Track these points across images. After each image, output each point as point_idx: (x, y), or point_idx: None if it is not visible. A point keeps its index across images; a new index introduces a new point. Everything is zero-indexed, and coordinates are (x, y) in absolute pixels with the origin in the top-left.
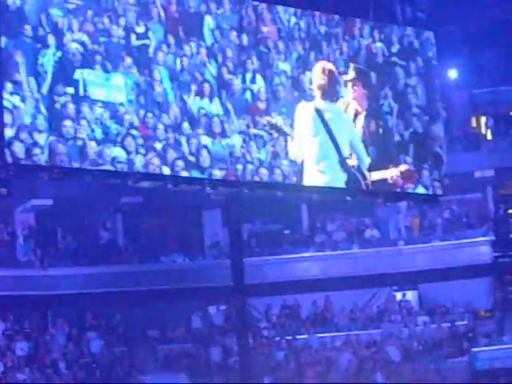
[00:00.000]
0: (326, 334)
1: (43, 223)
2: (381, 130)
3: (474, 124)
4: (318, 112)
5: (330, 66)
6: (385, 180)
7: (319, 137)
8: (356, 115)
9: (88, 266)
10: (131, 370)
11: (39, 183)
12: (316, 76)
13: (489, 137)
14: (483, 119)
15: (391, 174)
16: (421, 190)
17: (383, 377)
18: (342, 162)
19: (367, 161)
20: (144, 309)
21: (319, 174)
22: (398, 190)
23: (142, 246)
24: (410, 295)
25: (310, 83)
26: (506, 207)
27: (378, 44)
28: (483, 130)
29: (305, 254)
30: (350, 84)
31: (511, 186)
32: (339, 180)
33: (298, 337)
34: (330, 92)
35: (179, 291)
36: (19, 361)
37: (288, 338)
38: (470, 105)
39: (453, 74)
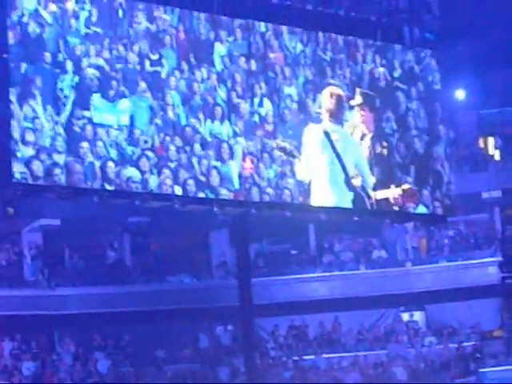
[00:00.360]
0: (333, 355)
1: (51, 243)
2: (385, 152)
3: (481, 144)
4: (326, 134)
5: (338, 91)
6: (387, 199)
7: (327, 157)
8: (362, 137)
9: (95, 285)
10: None
11: (47, 203)
12: (325, 100)
13: (496, 157)
14: (491, 140)
15: (393, 193)
16: (421, 209)
17: None
18: (348, 181)
19: (372, 181)
20: (151, 329)
21: (326, 193)
22: (399, 209)
23: (150, 265)
24: (417, 316)
25: (319, 107)
26: None
27: (381, 69)
28: (491, 151)
29: (312, 275)
30: (357, 108)
31: None
32: (345, 199)
33: (305, 357)
34: (337, 115)
35: (186, 311)
36: (26, 380)
37: (295, 358)
38: (478, 125)
39: (460, 94)
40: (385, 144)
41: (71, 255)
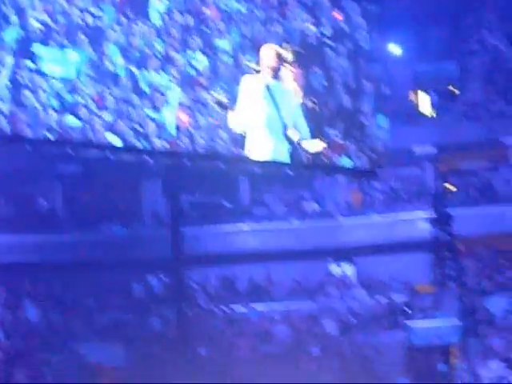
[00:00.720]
0: (263, 307)
1: None
2: (314, 107)
3: (415, 100)
4: (267, 86)
5: (279, 49)
6: (319, 152)
7: (266, 109)
8: (294, 94)
9: (27, 234)
10: (69, 339)
11: None
12: (267, 57)
13: (430, 112)
14: (425, 95)
15: (321, 145)
16: (346, 161)
17: (320, 350)
18: (286, 134)
19: (307, 135)
20: (82, 278)
21: (264, 144)
22: (327, 161)
23: (82, 215)
24: (348, 269)
25: (257, 63)
26: (445, 183)
27: (310, 27)
28: (424, 106)
29: (244, 226)
30: (288, 65)
31: (451, 162)
32: (283, 151)
33: (236, 308)
34: (277, 72)
35: (118, 261)
36: None
37: (225, 309)
38: (412, 80)
39: (396, 49)
40: (314, 100)
41: (3, 203)
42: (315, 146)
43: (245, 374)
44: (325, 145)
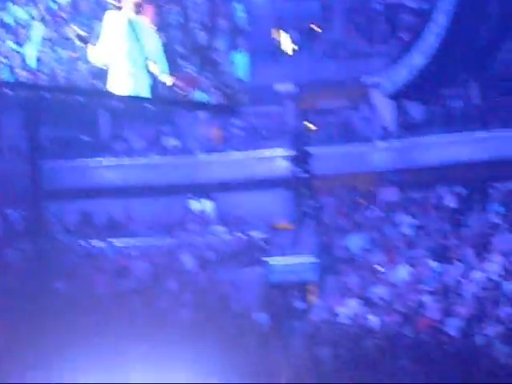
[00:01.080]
0: (122, 242)
1: None
2: (169, 43)
3: (276, 37)
4: (129, 21)
5: None
6: (176, 86)
7: (128, 43)
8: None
9: None
10: None
11: None
12: None
13: (290, 50)
14: (285, 32)
15: (174, 78)
16: (201, 96)
17: (178, 286)
18: (147, 68)
19: (166, 70)
20: None
21: (125, 78)
22: (182, 94)
23: None
24: (208, 205)
25: (118, 1)
26: (304, 121)
27: None
28: (286, 44)
29: (103, 161)
30: (146, 2)
31: (311, 101)
32: (144, 85)
33: (94, 243)
34: (139, 8)
35: None
36: None
37: (83, 244)
38: (273, 17)
39: None
40: (168, 36)
41: None
42: (171, 80)
43: (102, 309)
44: (179, 79)
